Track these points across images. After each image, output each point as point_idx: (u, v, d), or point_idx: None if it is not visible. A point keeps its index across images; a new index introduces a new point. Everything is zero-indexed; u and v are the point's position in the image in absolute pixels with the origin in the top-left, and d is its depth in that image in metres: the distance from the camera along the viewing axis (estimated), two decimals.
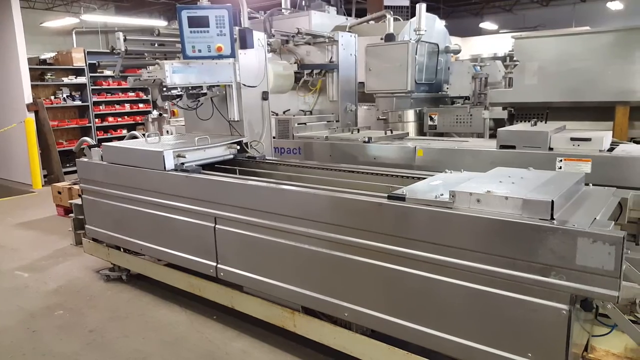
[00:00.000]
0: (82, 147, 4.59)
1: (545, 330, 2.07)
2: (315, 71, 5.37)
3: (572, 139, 3.46)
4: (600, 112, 4.37)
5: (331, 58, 5.34)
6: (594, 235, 1.90)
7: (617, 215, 2.50)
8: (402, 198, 2.44)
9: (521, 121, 4.81)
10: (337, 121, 5.50)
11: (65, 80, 10.81)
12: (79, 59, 10.89)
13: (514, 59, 4.65)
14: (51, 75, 10.67)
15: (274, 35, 5.23)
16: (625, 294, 2.18)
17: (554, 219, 2.03)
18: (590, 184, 2.65)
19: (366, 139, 4.44)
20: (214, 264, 3.42)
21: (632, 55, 4.07)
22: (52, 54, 11.24)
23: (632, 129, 4.31)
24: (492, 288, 2.18)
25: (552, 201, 2.03)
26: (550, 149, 3.54)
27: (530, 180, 2.44)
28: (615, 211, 2.45)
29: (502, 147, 3.72)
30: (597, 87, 4.24)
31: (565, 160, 3.40)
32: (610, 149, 3.47)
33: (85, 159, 4.37)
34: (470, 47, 11.69)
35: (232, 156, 4.13)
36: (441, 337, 2.37)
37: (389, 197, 2.48)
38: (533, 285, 2.06)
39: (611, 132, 3.86)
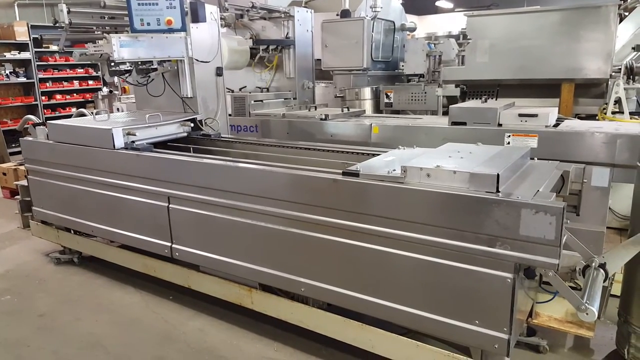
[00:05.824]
0: (26, 125, 4.37)
1: (491, 298, 2.16)
2: (271, 47, 5.29)
3: (520, 115, 3.58)
4: (547, 89, 4.52)
5: (287, 34, 5.27)
6: (536, 206, 1.99)
7: (560, 187, 2.62)
8: (356, 174, 2.47)
9: (473, 98, 4.92)
10: (294, 98, 5.46)
11: (8, 55, 10.18)
12: (22, 33, 10.24)
13: (467, 37, 4.73)
14: None
15: (227, 9, 5.09)
16: (566, 262, 2.30)
17: (499, 192, 2.11)
18: (536, 158, 2.76)
19: (323, 117, 4.44)
20: (169, 244, 3.37)
21: (578, 34, 4.21)
22: None
23: (577, 106, 4.49)
24: (442, 259, 2.25)
25: (498, 174, 2.10)
26: (500, 125, 3.65)
27: (478, 155, 2.51)
28: (558, 183, 2.57)
29: (454, 123, 3.80)
30: (544, 65, 4.37)
31: (513, 135, 3.52)
32: (556, 125, 3.61)
33: (30, 138, 4.17)
34: (427, 25, 11.77)
35: (185, 134, 4.04)
36: (394, 308, 2.44)
37: (344, 174, 2.51)
38: (480, 256, 2.14)
39: (557, 108, 4.00)
